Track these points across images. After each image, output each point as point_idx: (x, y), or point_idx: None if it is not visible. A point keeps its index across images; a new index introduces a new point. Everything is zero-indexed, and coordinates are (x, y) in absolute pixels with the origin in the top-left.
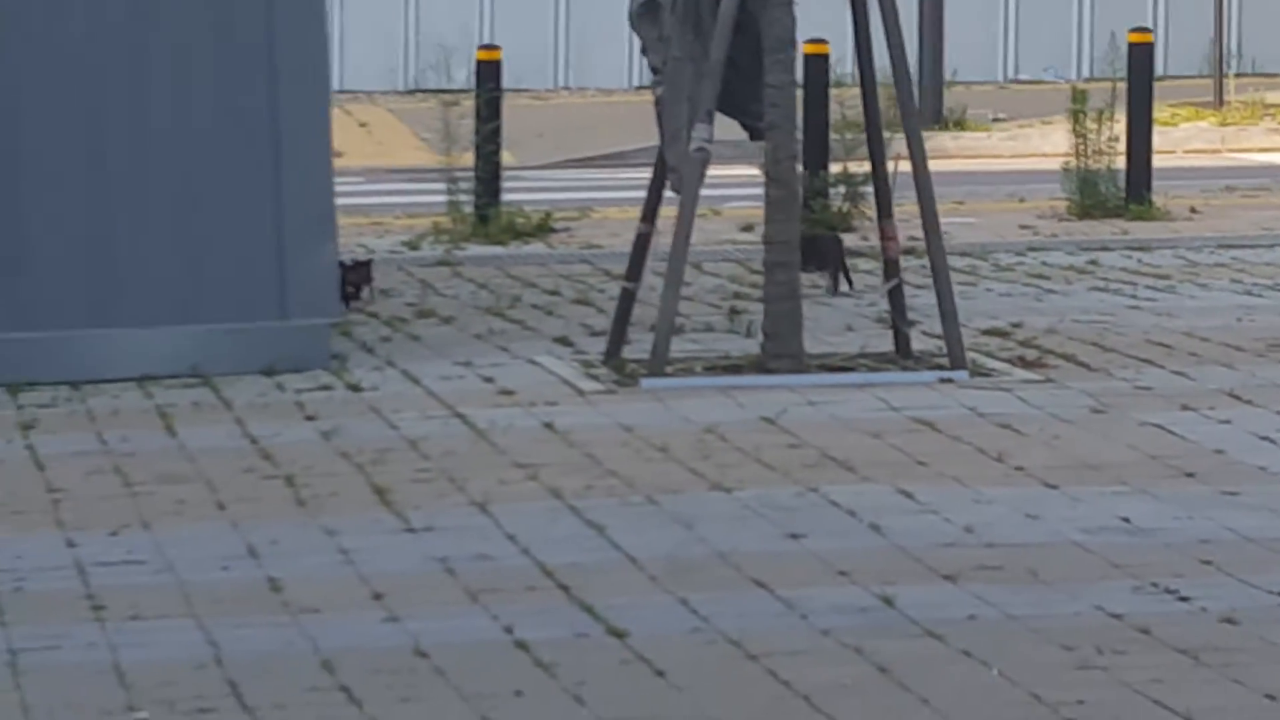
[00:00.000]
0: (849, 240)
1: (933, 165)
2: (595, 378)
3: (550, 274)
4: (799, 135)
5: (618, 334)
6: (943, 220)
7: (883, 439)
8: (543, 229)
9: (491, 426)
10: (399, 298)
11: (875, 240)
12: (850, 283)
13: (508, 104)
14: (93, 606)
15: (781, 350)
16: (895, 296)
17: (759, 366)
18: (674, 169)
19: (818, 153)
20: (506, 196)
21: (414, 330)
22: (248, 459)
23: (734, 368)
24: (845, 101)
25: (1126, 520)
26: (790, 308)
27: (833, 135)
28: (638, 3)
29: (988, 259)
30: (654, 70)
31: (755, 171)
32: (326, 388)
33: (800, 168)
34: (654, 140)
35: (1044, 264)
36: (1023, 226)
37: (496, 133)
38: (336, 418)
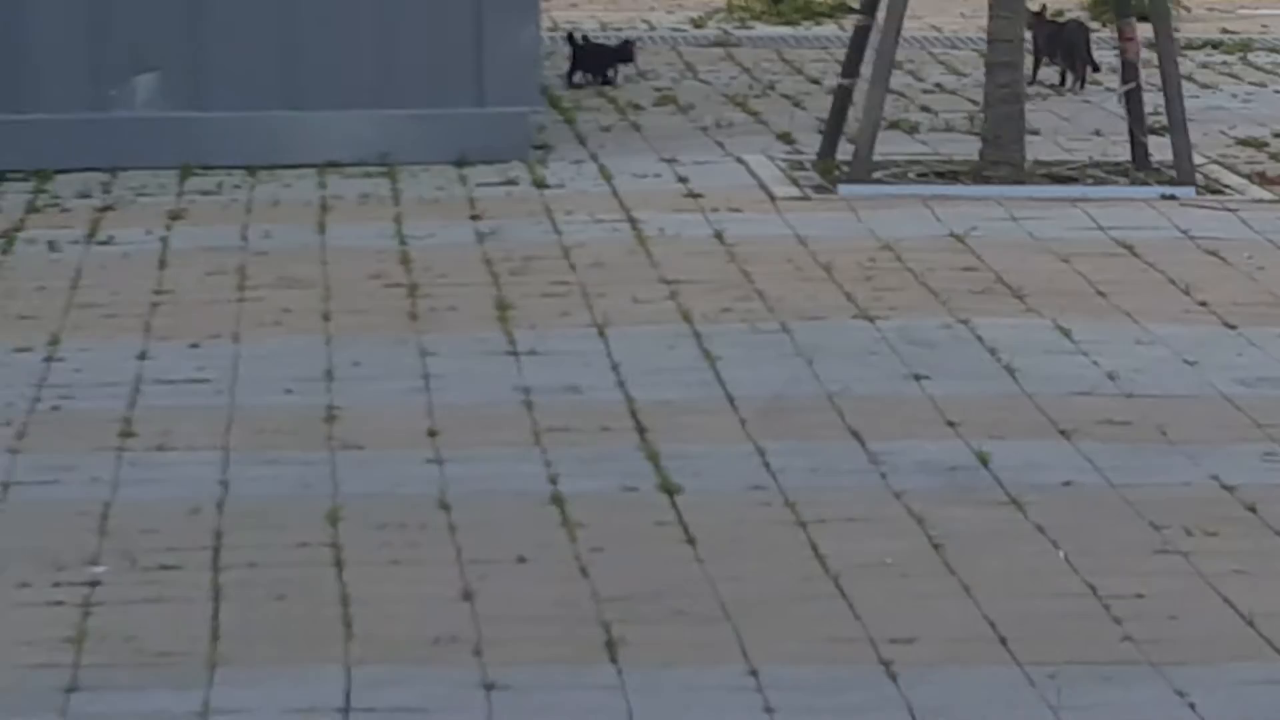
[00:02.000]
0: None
1: None
2: (795, 181)
3: (827, 59)
4: None
5: (832, 133)
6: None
7: (1071, 263)
8: (841, 7)
9: (659, 234)
10: (653, 81)
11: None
12: (1097, 67)
13: None
14: (121, 433)
15: (1000, 157)
16: (1133, 102)
17: (976, 173)
18: None
19: None
20: None
21: (641, 120)
22: (384, 262)
23: (950, 174)
24: None
25: None
26: (1011, 111)
27: None
28: None
29: None
30: None
31: None
32: (511, 182)
33: None
34: None
35: None
36: None
37: None
38: (503, 217)
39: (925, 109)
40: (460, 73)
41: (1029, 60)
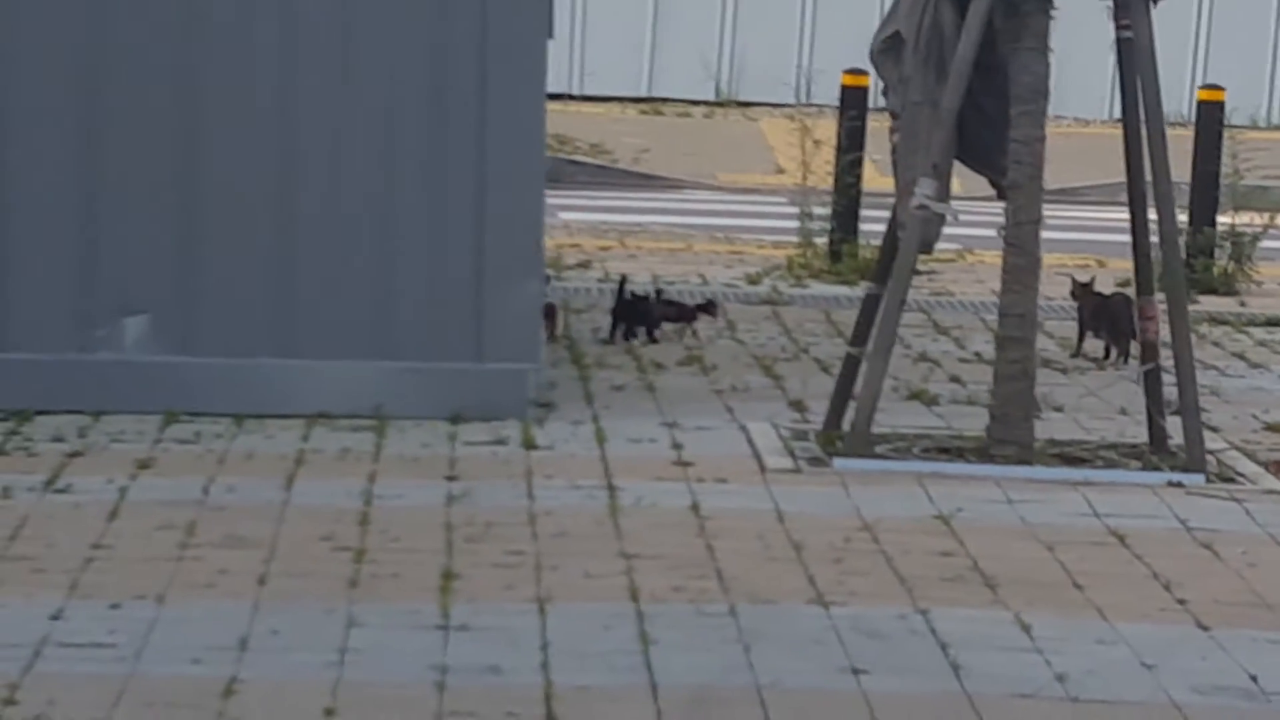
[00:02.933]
0: (1222, 304)
1: None
2: (791, 453)
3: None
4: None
5: (838, 404)
6: None
7: (1055, 551)
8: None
9: (634, 504)
10: (688, 340)
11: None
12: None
13: None
14: (4, 700)
15: (1007, 436)
16: (1152, 383)
17: (982, 451)
18: (903, 225)
19: (1205, 206)
20: (877, 228)
21: (658, 380)
22: (341, 523)
23: (957, 450)
24: (1239, 152)
25: (1254, 679)
26: (1020, 389)
27: (1224, 184)
28: (879, 39)
29: None
30: (892, 115)
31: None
32: (499, 442)
33: (1184, 219)
34: (1111, 177)
35: None
36: None
37: (857, 164)
38: (480, 478)
39: (955, 379)
40: (459, 327)
41: (1074, 331)
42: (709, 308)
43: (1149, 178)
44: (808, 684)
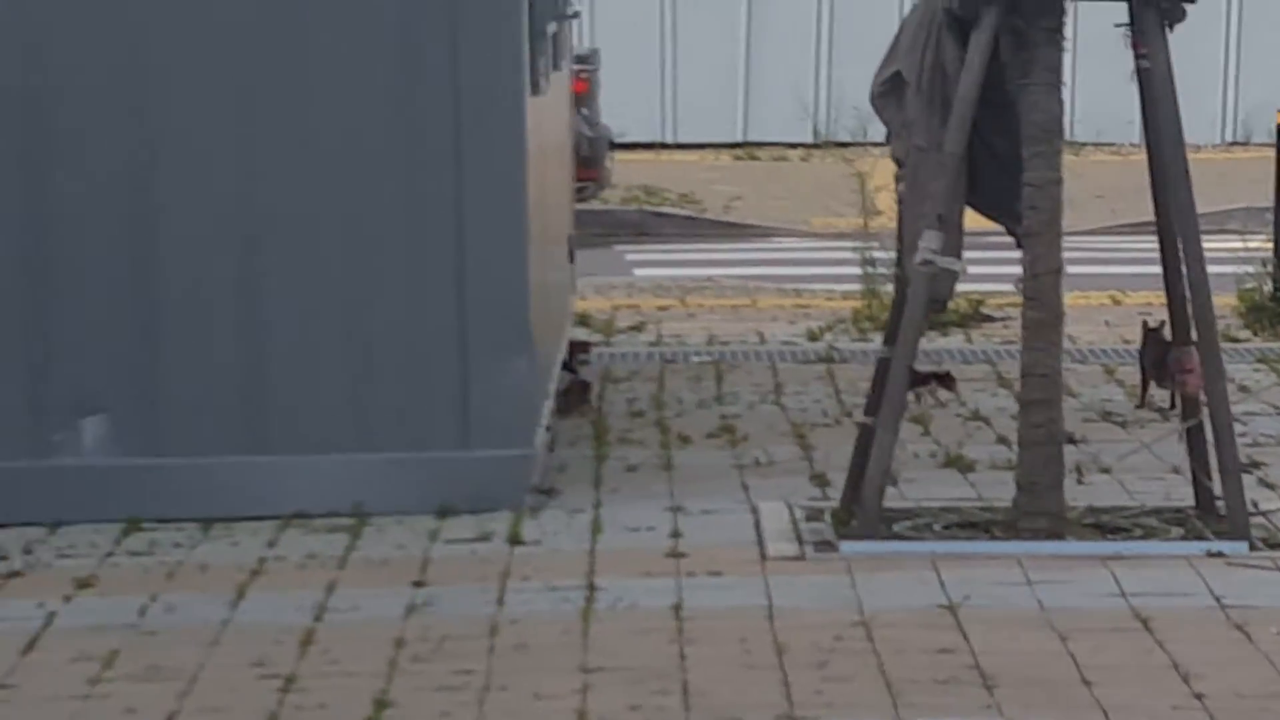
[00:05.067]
0: None
1: None
2: (798, 536)
3: None
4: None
5: (854, 477)
6: None
7: (1068, 642)
8: (972, 317)
9: (610, 606)
10: (729, 404)
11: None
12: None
13: (1081, 158)
14: None
15: (1035, 507)
16: (1195, 441)
17: (1010, 525)
18: (909, 283)
19: None
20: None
21: (679, 456)
22: (280, 644)
23: (985, 524)
24: None
25: None
26: (1048, 454)
27: None
28: (879, 81)
29: None
30: (897, 163)
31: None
32: (482, 538)
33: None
34: (1240, 202)
35: None
36: None
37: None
38: (448, 584)
39: (1002, 439)
40: (443, 412)
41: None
42: (945, 378)
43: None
44: None
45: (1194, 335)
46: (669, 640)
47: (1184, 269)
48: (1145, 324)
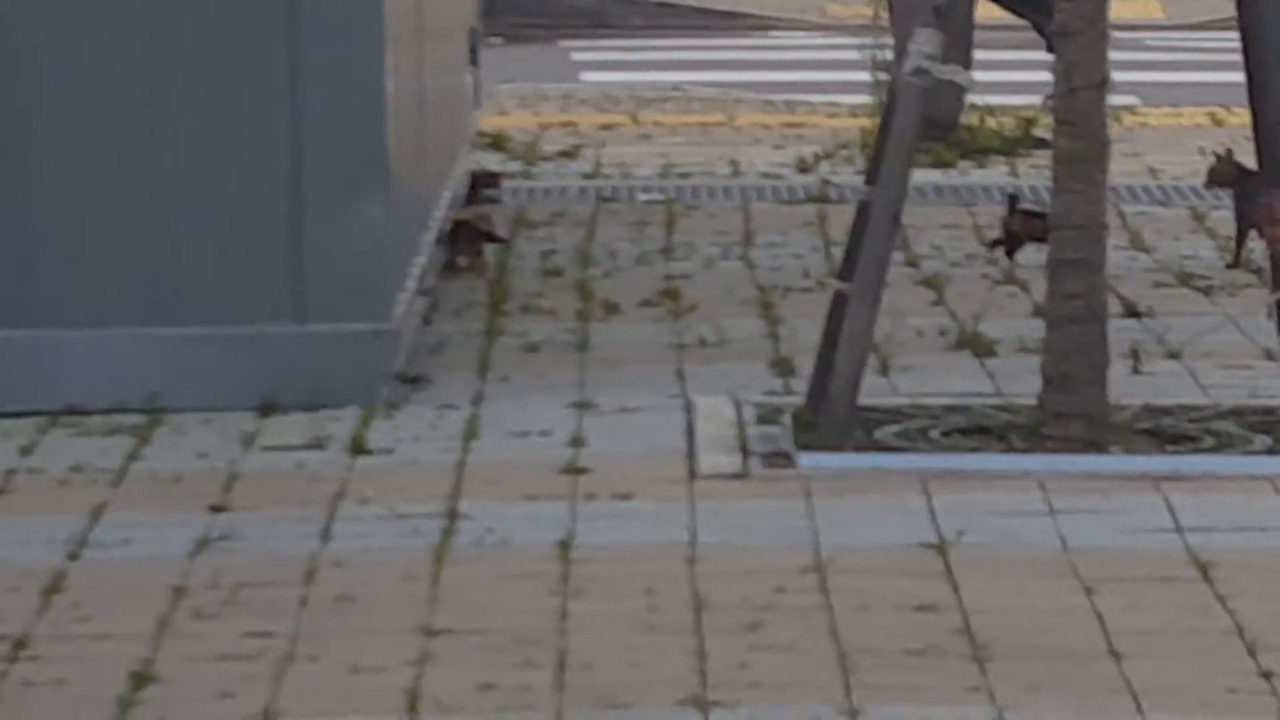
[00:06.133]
0: None
1: None
2: (743, 446)
3: (963, 225)
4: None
5: (823, 366)
6: None
7: (1095, 595)
8: (1020, 142)
9: (474, 543)
10: (680, 259)
11: None
12: None
13: None
14: None
15: (1068, 407)
16: None
17: (1033, 432)
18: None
19: None
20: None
21: (601, 331)
22: (12, 594)
23: (999, 430)
24: None
25: None
26: (1086, 336)
27: None
28: None
29: None
30: None
31: None
32: (315, 445)
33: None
34: None
35: None
36: None
37: None
38: (258, 508)
39: (1040, 311)
40: (268, 273)
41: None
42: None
43: None
44: None
45: None
46: (548, 591)
47: (1271, 80)
48: (1217, 154)
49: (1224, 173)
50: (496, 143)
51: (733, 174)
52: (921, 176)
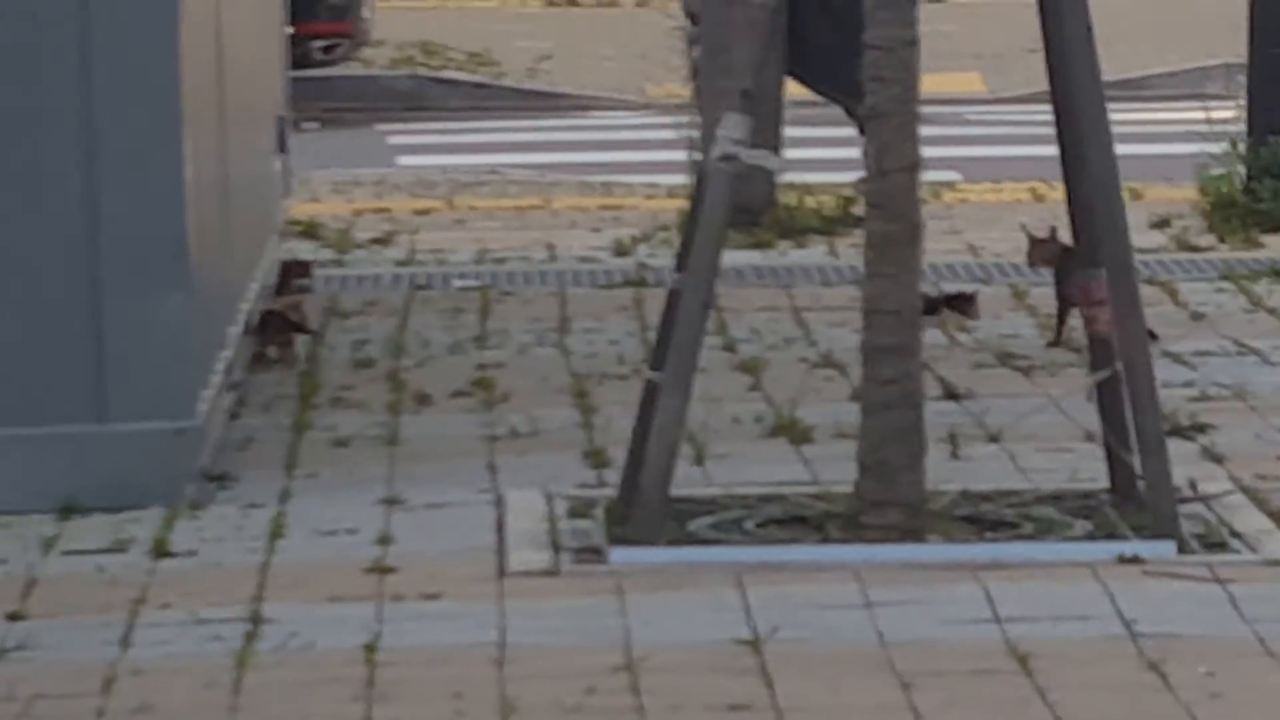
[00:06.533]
0: None
1: None
2: (555, 541)
3: (780, 304)
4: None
5: (636, 458)
6: None
7: (911, 691)
8: (839, 221)
9: (278, 647)
10: (494, 348)
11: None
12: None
13: None
14: None
15: (884, 495)
16: (1110, 399)
17: (850, 521)
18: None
19: (1272, 104)
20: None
21: (412, 424)
22: None
23: (817, 520)
24: None
25: None
26: (902, 422)
27: None
28: None
29: None
30: (690, 19)
31: None
32: (117, 549)
33: (1242, 126)
34: (1222, 56)
35: None
36: None
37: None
38: (57, 616)
39: (860, 395)
40: (67, 370)
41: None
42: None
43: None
44: None
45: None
46: (353, 696)
47: (1086, 155)
48: (1028, 233)
49: (1046, 251)
50: (309, 231)
51: (549, 258)
52: (740, 257)
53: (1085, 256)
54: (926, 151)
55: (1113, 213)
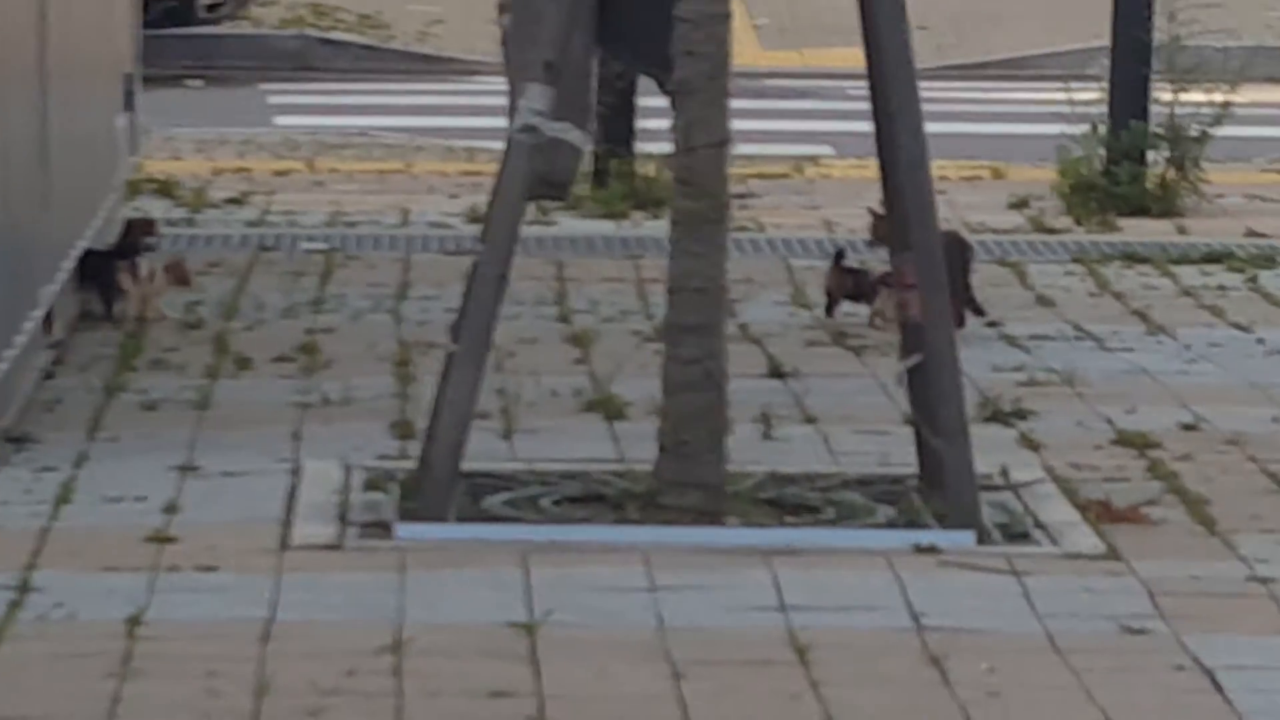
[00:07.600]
0: (1153, 230)
1: None
2: (343, 515)
3: (625, 275)
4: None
5: (431, 432)
6: None
7: (683, 681)
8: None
9: (40, 617)
10: (331, 311)
11: None
12: (979, 310)
13: None
14: None
15: (684, 476)
16: (920, 385)
17: (649, 501)
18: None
19: (1133, 89)
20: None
21: (227, 388)
22: None
23: (616, 500)
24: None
25: None
26: (704, 403)
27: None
28: None
29: None
30: None
31: None
32: None
33: (1103, 108)
34: (1072, 44)
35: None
36: None
37: None
38: None
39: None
40: None
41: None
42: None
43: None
44: None
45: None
46: (105, 672)
47: (896, 136)
48: (872, 211)
49: (887, 228)
50: (164, 189)
51: (400, 223)
52: (592, 227)
53: (897, 239)
54: (801, 126)
55: (921, 196)
